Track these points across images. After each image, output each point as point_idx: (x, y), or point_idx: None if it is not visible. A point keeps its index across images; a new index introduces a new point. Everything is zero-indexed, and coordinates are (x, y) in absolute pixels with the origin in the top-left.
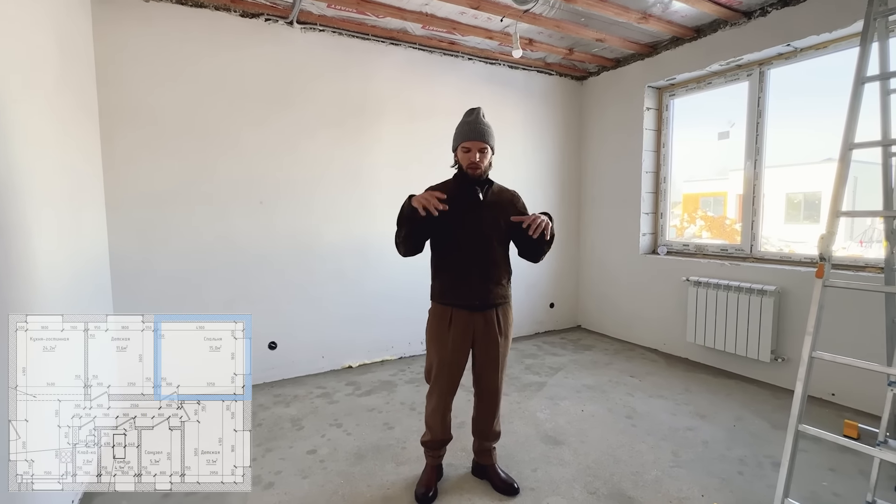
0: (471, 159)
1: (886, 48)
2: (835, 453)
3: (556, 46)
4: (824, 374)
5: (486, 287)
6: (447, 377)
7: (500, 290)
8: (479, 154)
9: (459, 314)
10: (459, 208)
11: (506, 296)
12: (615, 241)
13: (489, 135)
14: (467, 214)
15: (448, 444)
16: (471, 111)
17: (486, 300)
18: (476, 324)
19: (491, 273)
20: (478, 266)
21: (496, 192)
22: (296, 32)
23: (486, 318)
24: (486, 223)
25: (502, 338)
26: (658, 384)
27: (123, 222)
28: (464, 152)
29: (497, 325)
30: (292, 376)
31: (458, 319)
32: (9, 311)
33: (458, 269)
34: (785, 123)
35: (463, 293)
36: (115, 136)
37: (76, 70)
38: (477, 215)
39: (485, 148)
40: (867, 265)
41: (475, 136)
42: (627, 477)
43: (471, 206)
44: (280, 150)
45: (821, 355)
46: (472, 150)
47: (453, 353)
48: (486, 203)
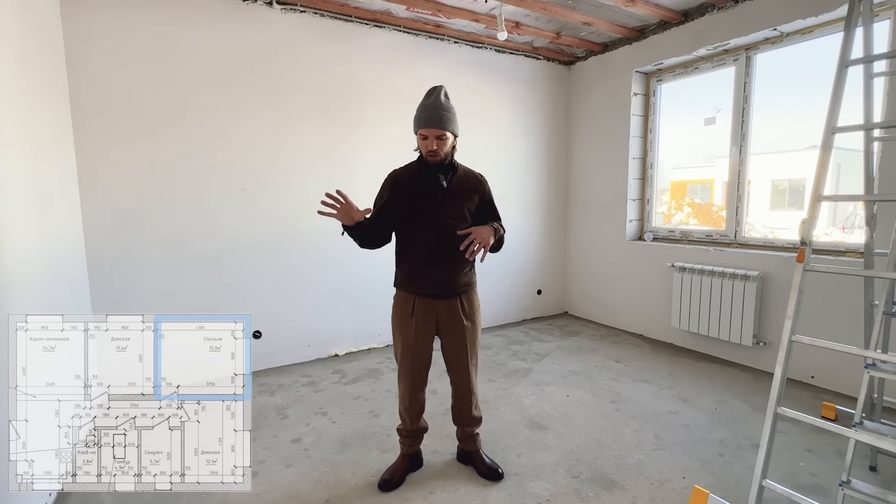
0: (428, 147)
1: (871, 32)
2: (813, 435)
3: (544, 30)
4: (804, 358)
5: (448, 276)
6: (412, 365)
7: (463, 278)
8: (437, 142)
9: (422, 301)
10: (422, 196)
11: (469, 283)
12: (602, 227)
13: (447, 119)
14: (429, 202)
15: (423, 435)
16: (430, 92)
17: (448, 289)
18: (439, 310)
19: (453, 262)
20: (440, 254)
21: (461, 177)
22: (275, 13)
23: (449, 305)
24: (448, 211)
25: (468, 321)
26: (643, 369)
27: (99, 211)
28: (422, 139)
29: (462, 310)
30: (277, 365)
31: (421, 306)
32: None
33: (419, 257)
34: (770, 110)
35: (424, 282)
36: (87, 123)
37: (42, 52)
38: (439, 203)
39: (443, 135)
40: (848, 250)
41: (431, 123)
42: (610, 461)
43: (433, 193)
44: (261, 136)
45: (800, 339)
46: (429, 138)
47: (417, 341)
48: (449, 190)
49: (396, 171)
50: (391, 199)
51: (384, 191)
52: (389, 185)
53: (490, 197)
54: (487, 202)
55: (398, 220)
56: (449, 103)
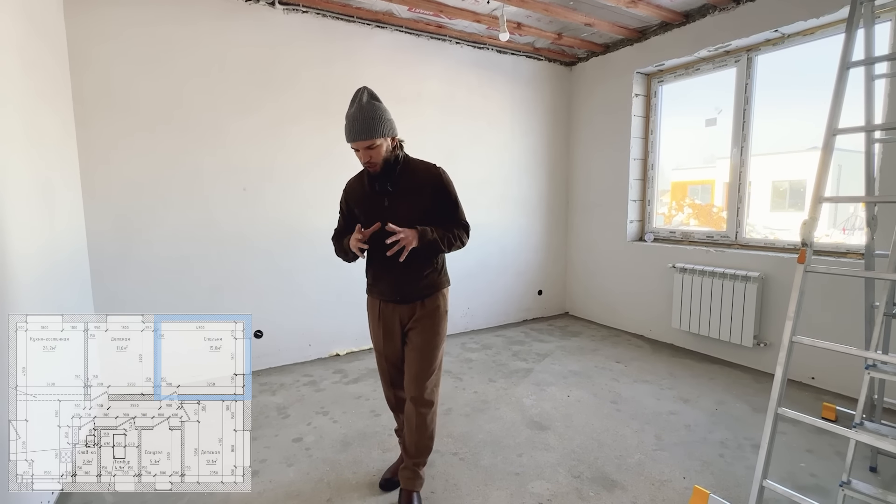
0: (362, 160)
1: (872, 34)
2: (813, 435)
3: (545, 31)
4: (805, 359)
5: (405, 280)
6: (385, 369)
7: (425, 281)
8: (369, 152)
9: (387, 305)
10: (372, 203)
11: (433, 285)
12: (603, 228)
13: (372, 127)
14: (380, 208)
15: None
16: (353, 98)
17: (409, 295)
18: (402, 314)
19: (412, 266)
20: (395, 260)
21: (412, 173)
22: (278, 14)
23: (410, 309)
24: (398, 215)
25: (429, 321)
26: (643, 369)
27: (102, 210)
28: (355, 151)
29: (423, 313)
30: (279, 364)
31: (386, 310)
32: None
33: (378, 263)
34: (771, 111)
35: (385, 288)
36: (90, 122)
37: (46, 51)
38: (388, 209)
39: (372, 144)
40: (848, 251)
41: (356, 136)
42: (611, 460)
43: (382, 199)
44: (263, 136)
45: (800, 340)
46: (360, 151)
47: (385, 343)
48: (397, 193)
49: (350, 180)
50: (348, 211)
51: (342, 203)
52: (345, 197)
53: (448, 190)
54: (445, 196)
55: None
56: (373, 105)
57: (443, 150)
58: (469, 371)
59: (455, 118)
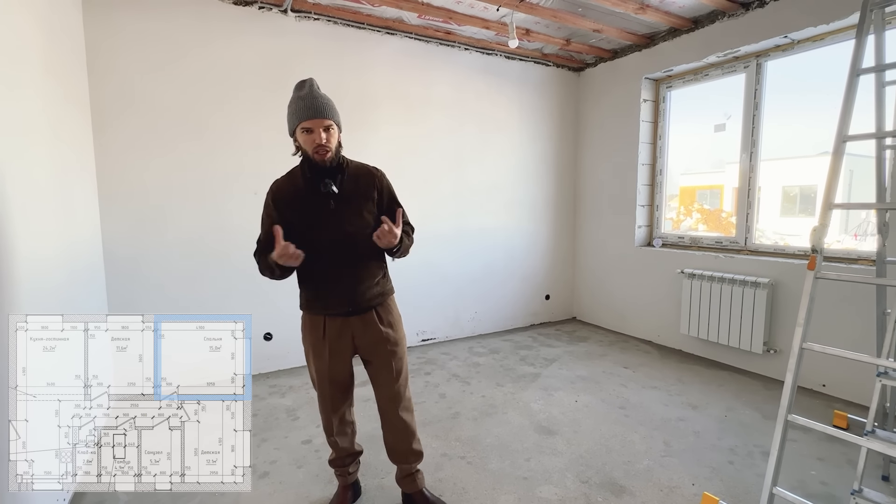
0: (316, 141)
1: (882, 40)
2: (824, 443)
3: (553, 37)
4: (815, 366)
5: (358, 290)
6: (329, 394)
7: (376, 288)
8: (325, 133)
9: (333, 321)
10: (312, 206)
11: (383, 292)
12: (611, 233)
13: (331, 108)
14: (323, 213)
15: (358, 458)
16: (301, 84)
17: (360, 303)
18: (354, 328)
19: (361, 273)
20: (346, 268)
21: (353, 175)
22: (290, 21)
23: (363, 320)
24: (347, 218)
25: (390, 330)
26: (651, 375)
27: (117, 214)
28: (305, 134)
29: (379, 322)
30: (288, 367)
31: (333, 327)
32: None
33: (323, 274)
34: (781, 116)
35: (333, 301)
36: (107, 127)
37: (64, 57)
38: (335, 212)
39: (330, 125)
40: (860, 258)
41: (314, 113)
42: (619, 466)
43: (326, 202)
44: (275, 141)
45: (811, 346)
46: (314, 130)
47: (332, 365)
48: (342, 194)
49: (277, 181)
50: (279, 216)
51: (267, 209)
52: (272, 201)
53: (391, 192)
54: (389, 199)
55: (291, 237)
56: (324, 94)
57: (451, 155)
58: (477, 375)
59: (464, 123)
